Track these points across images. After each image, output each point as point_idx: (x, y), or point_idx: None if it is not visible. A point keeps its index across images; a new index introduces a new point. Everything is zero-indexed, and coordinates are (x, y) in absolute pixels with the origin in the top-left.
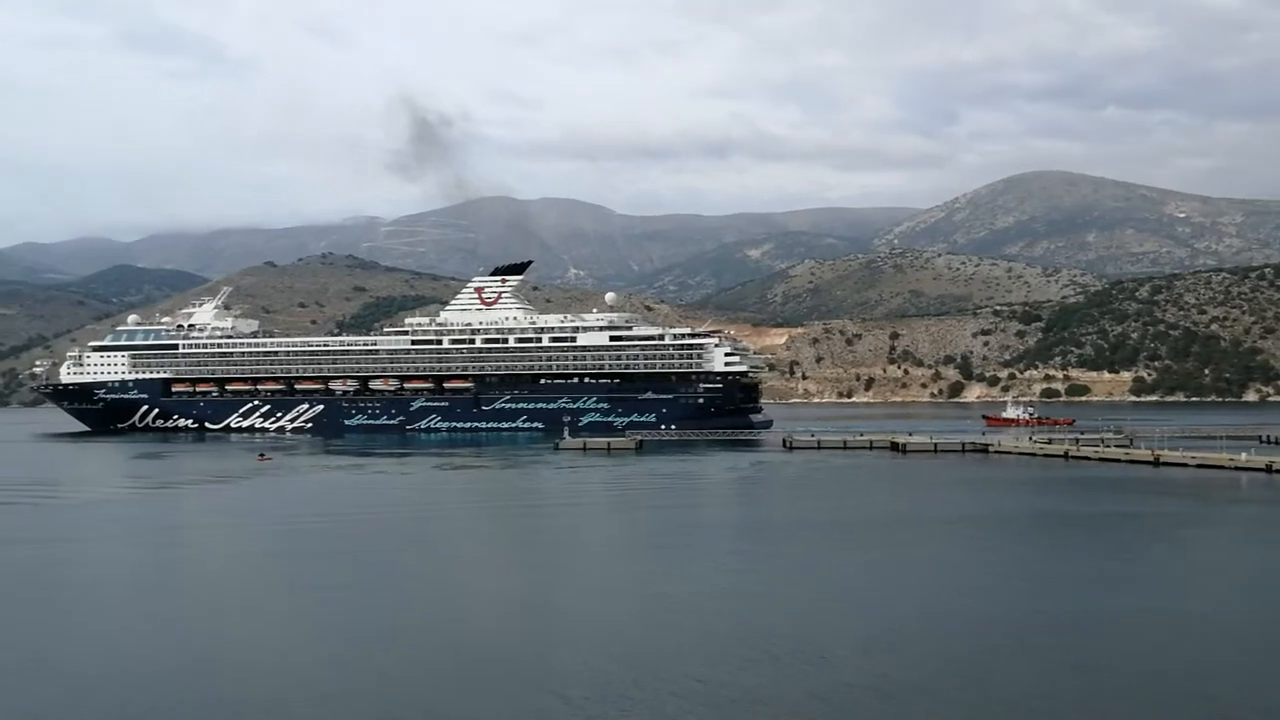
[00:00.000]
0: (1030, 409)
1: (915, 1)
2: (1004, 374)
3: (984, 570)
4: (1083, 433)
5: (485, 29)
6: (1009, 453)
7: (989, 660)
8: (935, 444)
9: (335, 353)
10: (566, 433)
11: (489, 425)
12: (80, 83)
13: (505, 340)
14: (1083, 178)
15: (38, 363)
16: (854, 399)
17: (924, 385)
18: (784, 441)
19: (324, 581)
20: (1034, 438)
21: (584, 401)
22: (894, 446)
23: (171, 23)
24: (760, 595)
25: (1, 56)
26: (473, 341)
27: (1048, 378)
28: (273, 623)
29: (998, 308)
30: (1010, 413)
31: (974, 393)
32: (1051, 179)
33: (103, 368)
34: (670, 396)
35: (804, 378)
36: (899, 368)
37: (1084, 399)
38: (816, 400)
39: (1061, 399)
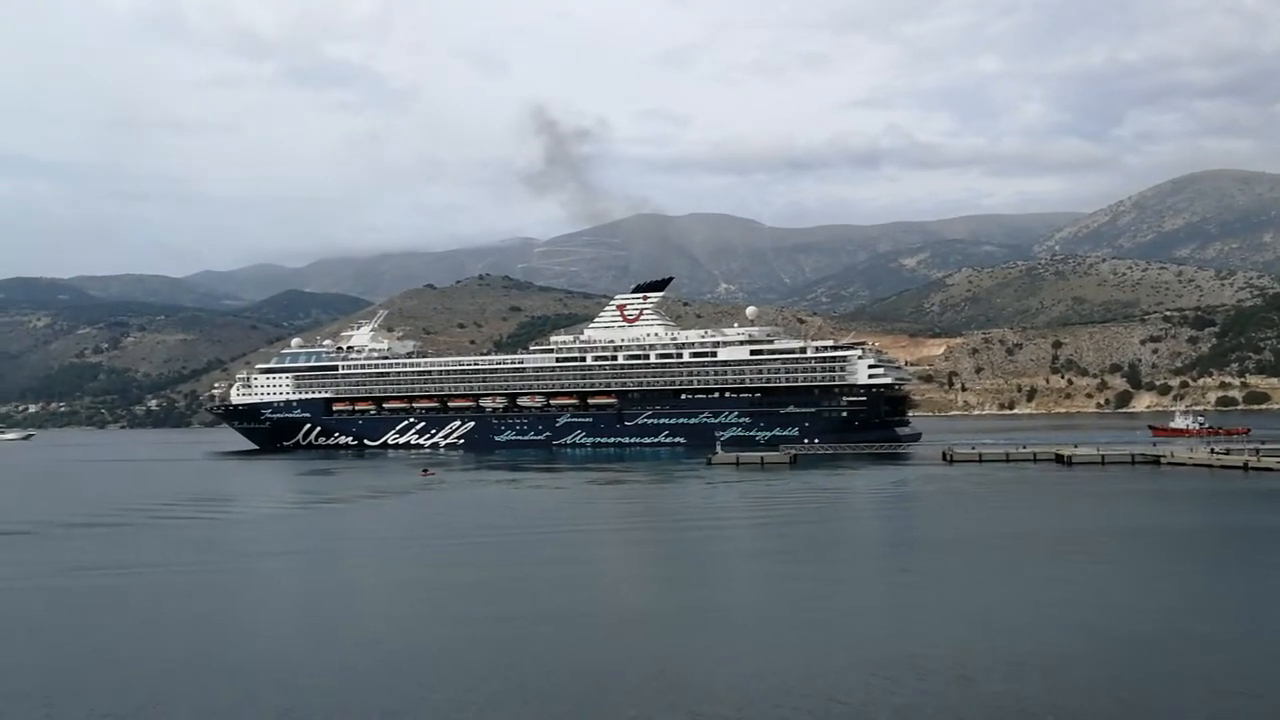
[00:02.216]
0: (1201, 418)
1: (1070, 4)
2: (1175, 382)
3: (1152, 587)
4: (1263, 443)
5: (633, 52)
6: (1182, 464)
7: (1148, 684)
8: (1103, 455)
9: (485, 371)
10: (719, 447)
11: (632, 440)
12: (251, 118)
13: (647, 356)
14: (1258, 176)
15: (215, 385)
16: (1015, 410)
17: (1089, 395)
18: (944, 454)
19: (497, 601)
20: (1214, 449)
21: (725, 416)
22: (1059, 459)
23: (335, 57)
24: (912, 612)
25: (177, 96)
26: (615, 358)
27: (1223, 385)
28: (446, 635)
29: (1168, 313)
30: (1179, 422)
31: (1143, 402)
32: (1224, 178)
33: (269, 389)
34: (813, 410)
35: (963, 389)
36: (1062, 377)
37: (1263, 407)
38: (977, 412)
39: (1239, 407)
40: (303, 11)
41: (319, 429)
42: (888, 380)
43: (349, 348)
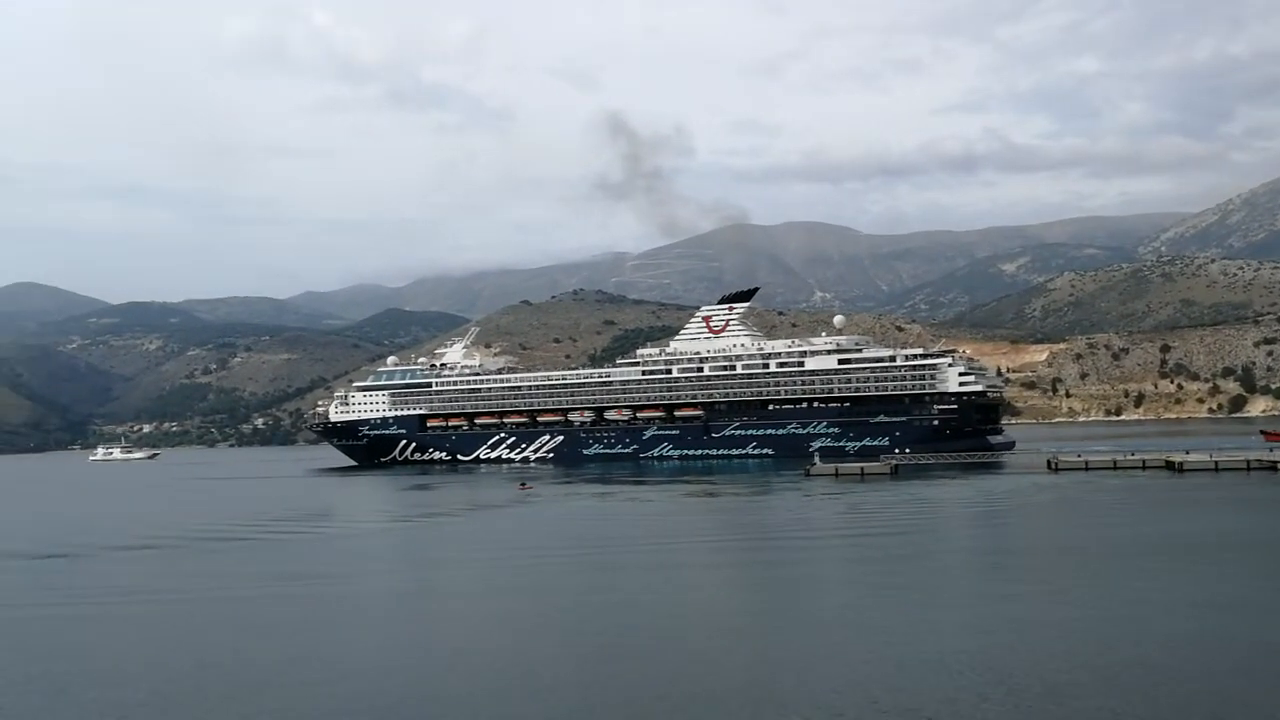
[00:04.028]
0: None
1: (1171, 0)
2: None
3: (1264, 599)
4: None
5: (726, 63)
6: None
7: (1245, 698)
8: (1216, 462)
9: (573, 385)
10: (817, 458)
11: (719, 452)
12: (352, 142)
13: (733, 367)
14: None
15: (319, 403)
16: (1123, 416)
17: (1200, 400)
18: (1049, 462)
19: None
20: None
21: (813, 426)
22: (1169, 466)
23: (433, 79)
24: (1006, 625)
25: (280, 122)
26: (701, 370)
27: None
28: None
29: None
30: None
31: (1258, 407)
32: None
33: (366, 406)
34: (903, 419)
35: (1067, 395)
36: (1171, 382)
37: None
38: (1082, 419)
39: None
40: (402, 36)
41: (414, 445)
42: (979, 388)
43: (442, 365)
